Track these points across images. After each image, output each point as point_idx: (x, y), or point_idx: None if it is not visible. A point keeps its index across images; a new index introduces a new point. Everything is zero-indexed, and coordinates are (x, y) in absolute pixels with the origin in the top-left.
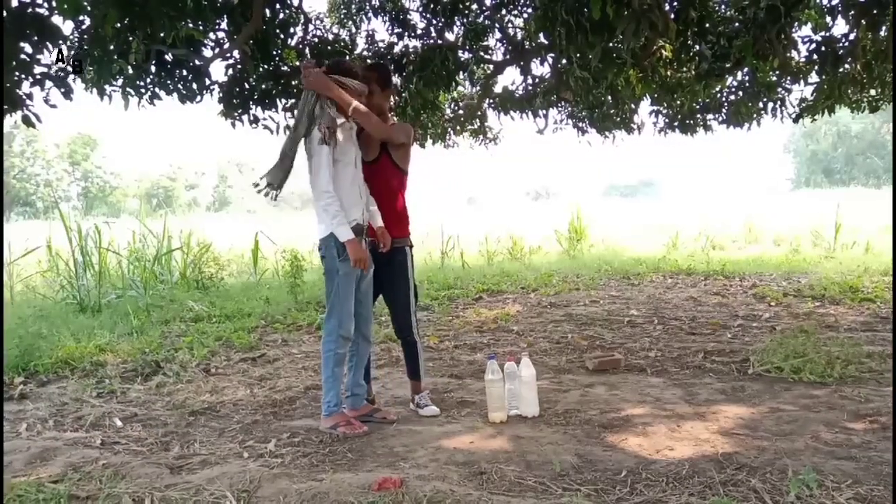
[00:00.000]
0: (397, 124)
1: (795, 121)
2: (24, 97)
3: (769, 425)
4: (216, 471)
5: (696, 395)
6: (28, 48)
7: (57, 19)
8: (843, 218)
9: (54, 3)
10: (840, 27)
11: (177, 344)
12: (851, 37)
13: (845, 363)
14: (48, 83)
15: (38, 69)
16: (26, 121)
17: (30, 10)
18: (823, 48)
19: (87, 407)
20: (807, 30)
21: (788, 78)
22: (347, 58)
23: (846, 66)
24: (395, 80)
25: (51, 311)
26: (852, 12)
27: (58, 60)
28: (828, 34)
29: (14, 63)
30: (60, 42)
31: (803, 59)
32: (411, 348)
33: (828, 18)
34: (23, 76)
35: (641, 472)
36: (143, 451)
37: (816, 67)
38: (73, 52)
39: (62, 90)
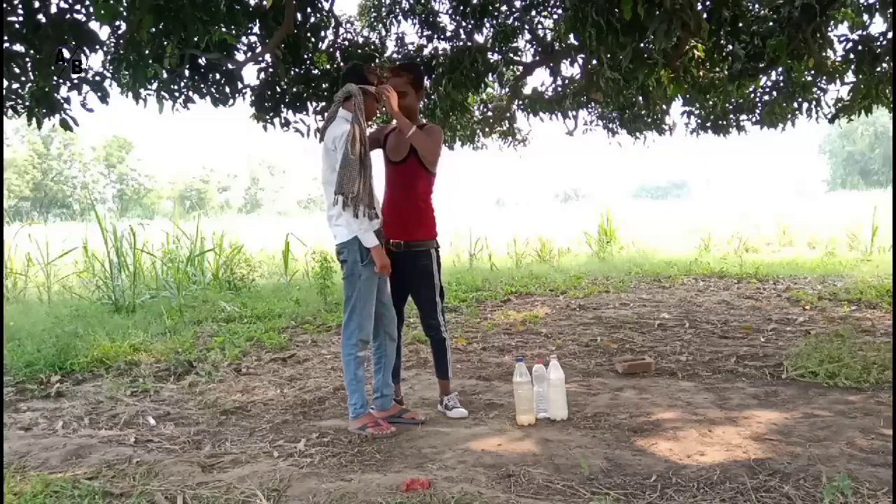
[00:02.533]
0: (430, 128)
1: (831, 121)
2: (62, 101)
3: (803, 431)
4: (247, 469)
5: (727, 400)
6: (66, 53)
7: (94, 25)
8: (880, 220)
9: (91, 9)
10: (878, 25)
11: (209, 344)
12: (889, 35)
13: (882, 368)
14: (85, 87)
15: (75, 74)
16: (64, 124)
17: (68, 16)
18: (860, 47)
19: (122, 405)
20: (843, 28)
21: (824, 78)
22: (377, 61)
23: (884, 65)
24: (425, 81)
25: (86, 311)
26: (890, 10)
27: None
28: (865, 33)
29: (52, 68)
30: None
31: (839, 59)
32: (440, 346)
33: (865, 17)
34: (61, 81)
35: (671, 476)
36: (176, 450)
37: (853, 67)
38: (109, 57)
39: (99, 94)
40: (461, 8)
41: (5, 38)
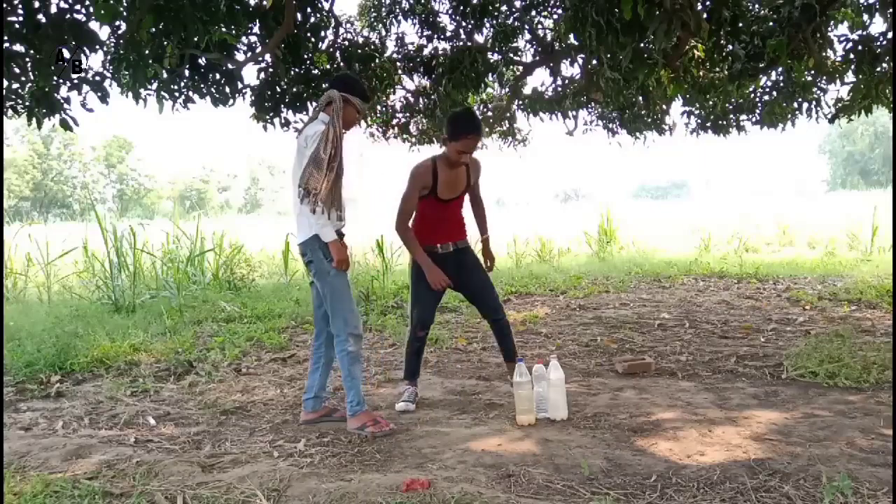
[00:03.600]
0: (476, 163)
1: (831, 121)
2: (62, 101)
3: (803, 431)
4: (247, 469)
5: (727, 400)
6: (66, 53)
7: (94, 25)
8: (880, 220)
9: (91, 9)
10: (878, 25)
11: (209, 344)
12: (889, 35)
13: (882, 368)
14: (85, 87)
15: (75, 74)
16: (64, 124)
17: (68, 16)
18: (860, 47)
19: (122, 405)
20: (843, 28)
21: (824, 78)
22: (377, 60)
23: (884, 65)
24: (425, 82)
25: (86, 311)
26: (890, 10)
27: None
28: (865, 33)
29: (52, 68)
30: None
31: (839, 59)
32: (507, 328)
33: (865, 17)
34: (61, 81)
35: (671, 476)
36: (176, 450)
37: (853, 67)
38: (109, 57)
39: (99, 94)
40: (461, 8)
41: (5, 38)
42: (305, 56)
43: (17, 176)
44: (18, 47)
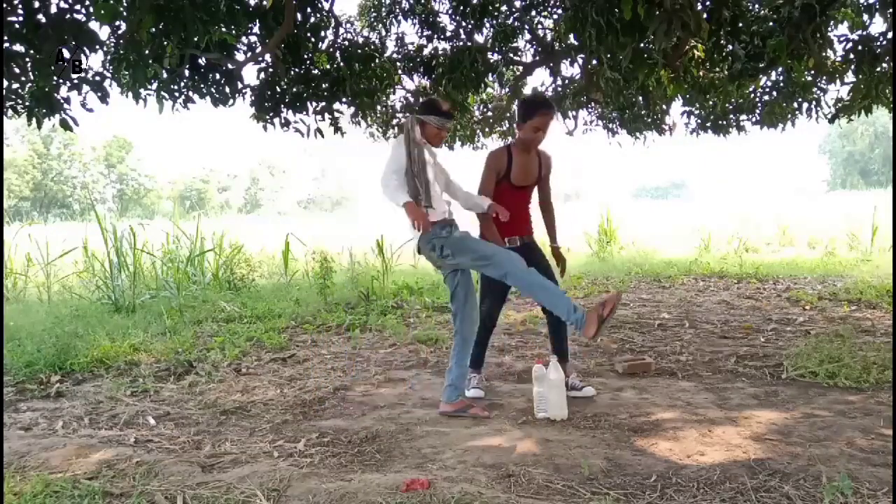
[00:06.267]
0: (547, 157)
1: (831, 121)
2: (62, 101)
3: (803, 431)
4: (247, 469)
5: (727, 400)
6: (66, 53)
7: (94, 25)
8: (880, 220)
9: (91, 9)
10: (878, 25)
11: (209, 344)
12: (889, 35)
13: (882, 368)
14: (85, 87)
15: (75, 74)
16: (64, 124)
17: (68, 16)
18: (860, 47)
19: (122, 405)
20: (843, 28)
21: (824, 78)
22: (377, 60)
23: (884, 65)
24: (425, 82)
25: (86, 311)
26: (890, 10)
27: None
28: (865, 33)
29: (52, 68)
30: (97, 47)
31: (839, 59)
32: (563, 325)
33: (865, 17)
34: (61, 81)
35: (671, 476)
36: (176, 450)
37: (853, 67)
38: (109, 57)
39: (99, 94)
40: (461, 8)
41: (5, 38)
42: (305, 56)
43: (17, 176)
44: (18, 47)
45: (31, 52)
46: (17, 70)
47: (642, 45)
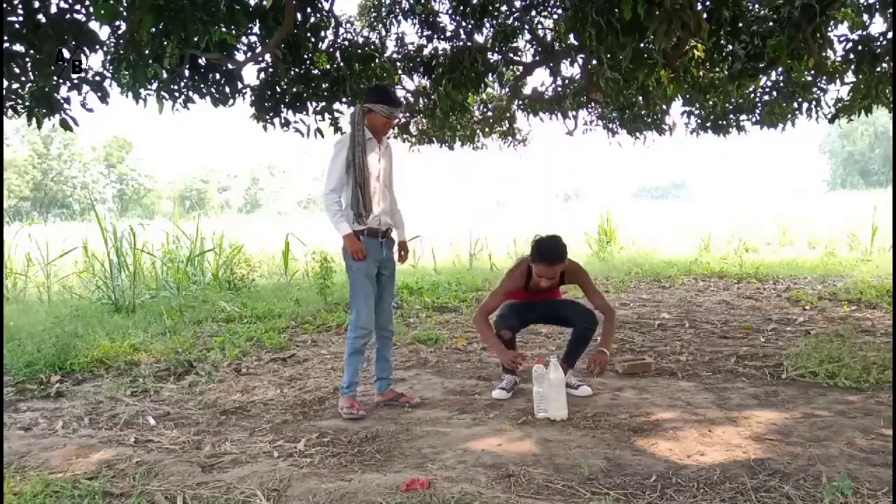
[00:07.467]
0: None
1: (831, 121)
2: (62, 101)
3: (803, 431)
4: (247, 469)
5: (727, 400)
6: (66, 53)
7: (94, 25)
8: (880, 220)
9: (91, 9)
10: (878, 25)
11: (209, 344)
12: (889, 35)
13: (882, 368)
14: (85, 87)
15: (75, 74)
16: (64, 124)
17: (68, 16)
18: (860, 47)
19: (122, 405)
20: (843, 28)
21: (824, 78)
22: (377, 60)
23: (884, 65)
24: (425, 82)
25: (86, 311)
26: (890, 10)
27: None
28: (865, 33)
29: (52, 68)
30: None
31: (839, 59)
32: (589, 339)
33: (865, 17)
34: (61, 81)
35: (671, 476)
36: (176, 450)
37: (853, 67)
38: (109, 57)
39: (99, 94)
40: (461, 8)
41: (5, 38)
42: (305, 56)
43: (17, 176)
44: (18, 47)
45: (31, 52)
46: (17, 70)
47: (642, 45)
